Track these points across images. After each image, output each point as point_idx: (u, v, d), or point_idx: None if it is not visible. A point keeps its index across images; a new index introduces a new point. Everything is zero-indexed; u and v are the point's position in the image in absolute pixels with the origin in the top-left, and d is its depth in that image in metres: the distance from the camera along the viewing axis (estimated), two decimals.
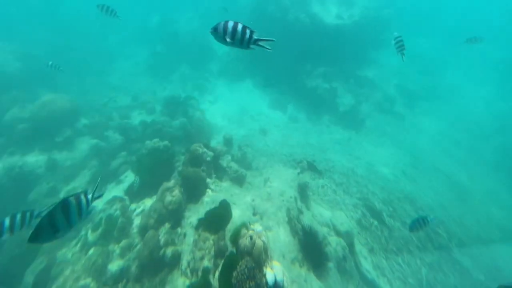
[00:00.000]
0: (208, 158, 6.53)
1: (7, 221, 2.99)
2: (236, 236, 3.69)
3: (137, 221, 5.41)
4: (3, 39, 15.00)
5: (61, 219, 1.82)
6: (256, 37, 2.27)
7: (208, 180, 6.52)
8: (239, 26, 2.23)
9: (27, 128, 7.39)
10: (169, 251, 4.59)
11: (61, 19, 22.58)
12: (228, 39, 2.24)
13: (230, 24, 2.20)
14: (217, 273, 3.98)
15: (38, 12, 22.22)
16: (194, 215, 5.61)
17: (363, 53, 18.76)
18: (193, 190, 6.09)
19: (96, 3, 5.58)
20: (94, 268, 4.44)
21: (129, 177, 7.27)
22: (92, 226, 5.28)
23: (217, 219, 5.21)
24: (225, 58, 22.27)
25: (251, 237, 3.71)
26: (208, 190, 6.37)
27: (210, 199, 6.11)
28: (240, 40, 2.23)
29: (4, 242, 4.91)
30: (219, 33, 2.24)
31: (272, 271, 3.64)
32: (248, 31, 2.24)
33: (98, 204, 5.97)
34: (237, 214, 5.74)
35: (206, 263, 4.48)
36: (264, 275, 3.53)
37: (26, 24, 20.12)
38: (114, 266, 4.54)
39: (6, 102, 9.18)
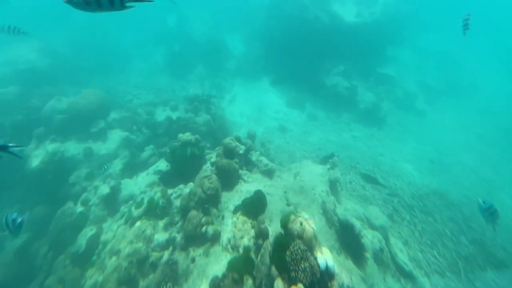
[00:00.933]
0: (241, 151, 6.63)
1: None
2: (286, 220, 3.73)
3: (176, 203, 5.74)
4: (33, 37, 15.66)
5: None
6: None
7: (240, 171, 6.59)
8: None
9: (65, 119, 7.76)
10: (210, 229, 4.90)
11: (80, 19, 23.35)
12: (91, 2, 1.63)
13: None
14: (262, 251, 4.07)
15: (60, 12, 23.05)
16: (229, 201, 5.76)
17: (383, 50, 18.46)
18: (227, 180, 6.19)
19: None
20: (144, 236, 4.95)
21: (160, 167, 7.48)
22: (135, 204, 5.75)
23: (254, 206, 5.30)
24: (241, 58, 22.46)
25: (301, 223, 3.73)
26: (240, 180, 6.44)
27: (243, 188, 6.19)
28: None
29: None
30: None
31: (323, 256, 3.63)
32: None
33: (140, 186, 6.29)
34: (272, 204, 5.79)
35: (246, 242, 4.75)
36: (316, 259, 3.53)
37: (50, 23, 20.88)
38: (160, 236, 5.00)
39: (41, 95, 9.65)
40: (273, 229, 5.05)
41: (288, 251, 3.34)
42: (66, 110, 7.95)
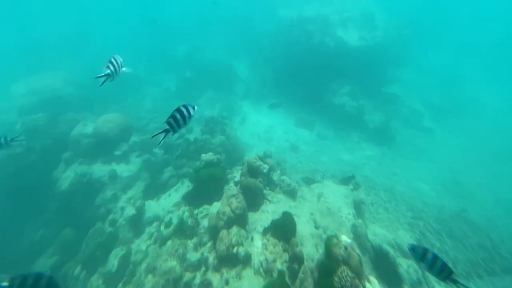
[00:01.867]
0: (265, 170, 6.69)
1: None
2: (329, 244, 3.68)
3: (203, 223, 5.76)
4: (56, 68, 16.89)
5: None
6: None
7: (264, 191, 6.59)
8: None
9: (91, 142, 8.05)
10: (241, 250, 4.85)
11: (93, 50, 24.90)
12: None
13: None
14: (301, 275, 3.96)
15: (75, 43, 24.68)
16: (257, 222, 5.72)
17: (387, 71, 19.17)
18: (253, 199, 6.17)
19: None
20: (177, 255, 5.00)
21: (182, 187, 7.55)
22: (164, 224, 5.83)
23: (284, 228, 5.22)
24: (249, 81, 23.39)
25: (345, 248, 3.68)
26: (265, 200, 6.41)
27: (269, 209, 6.16)
28: None
29: None
30: None
31: (372, 286, 3.53)
32: None
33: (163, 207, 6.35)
34: (300, 226, 5.70)
35: (279, 265, 4.66)
36: None
37: (67, 55, 22.25)
38: (192, 256, 5.02)
39: (66, 121, 10.11)
40: (306, 253, 4.93)
41: (335, 276, 3.26)
42: (92, 134, 8.28)
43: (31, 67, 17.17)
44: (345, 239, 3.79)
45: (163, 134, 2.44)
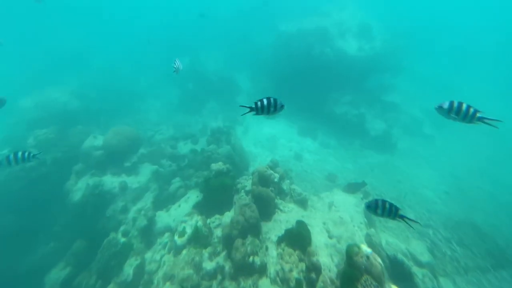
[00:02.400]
0: (276, 179, 6.76)
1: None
2: (351, 253, 3.73)
3: (216, 233, 5.82)
4: (62, 83, 17.25)
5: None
6: None
7: (275, 200, 6.63)
8: None
9: (101, 155, 8.15)
10: (257, 259, 4.85)
11: (97, 65, 25.38)
12: None
13: None
14: (321, 284, 3.97)
15: (78, 59, 25.21)
16: (270, 231, 5.74)
17: (385, 79, 19.64)
18: (264, 209, 6.21)
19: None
20: (193, 263, 5.03)
21: (191, 198, 7.58)
22: (178, 233, 5.88)
23: (299, 237, 5.24)
24: (251, 92, 23.79)
25: (367, 257, 3.72)
26: (277, 210, 6.45)
27: (282, 218, 6.19)
28: None
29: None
30: None
31: None
32: None
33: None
34: (313, 235, 5.73)
35: (296, 275, 4.65)
36: None
37: (71, 69, 22.70)
38: (208, 265, 5.05)
39: (75, 134, 10.24)
40: (322, 262, 4.93)
41: (359, 285, 3.29)
42: (102, 147, 8.39)
43: (38, 81, 17.51)
44: (366, 248, 3.84)
45: (247, 109, 2.91)
